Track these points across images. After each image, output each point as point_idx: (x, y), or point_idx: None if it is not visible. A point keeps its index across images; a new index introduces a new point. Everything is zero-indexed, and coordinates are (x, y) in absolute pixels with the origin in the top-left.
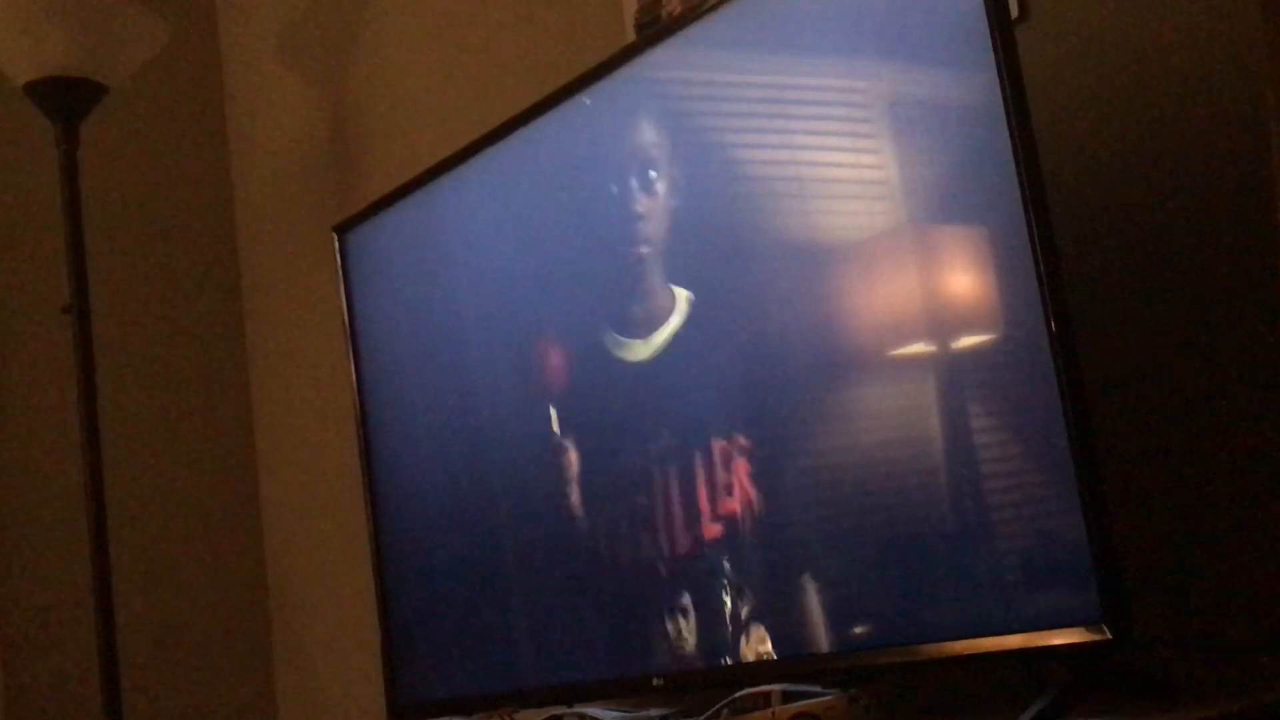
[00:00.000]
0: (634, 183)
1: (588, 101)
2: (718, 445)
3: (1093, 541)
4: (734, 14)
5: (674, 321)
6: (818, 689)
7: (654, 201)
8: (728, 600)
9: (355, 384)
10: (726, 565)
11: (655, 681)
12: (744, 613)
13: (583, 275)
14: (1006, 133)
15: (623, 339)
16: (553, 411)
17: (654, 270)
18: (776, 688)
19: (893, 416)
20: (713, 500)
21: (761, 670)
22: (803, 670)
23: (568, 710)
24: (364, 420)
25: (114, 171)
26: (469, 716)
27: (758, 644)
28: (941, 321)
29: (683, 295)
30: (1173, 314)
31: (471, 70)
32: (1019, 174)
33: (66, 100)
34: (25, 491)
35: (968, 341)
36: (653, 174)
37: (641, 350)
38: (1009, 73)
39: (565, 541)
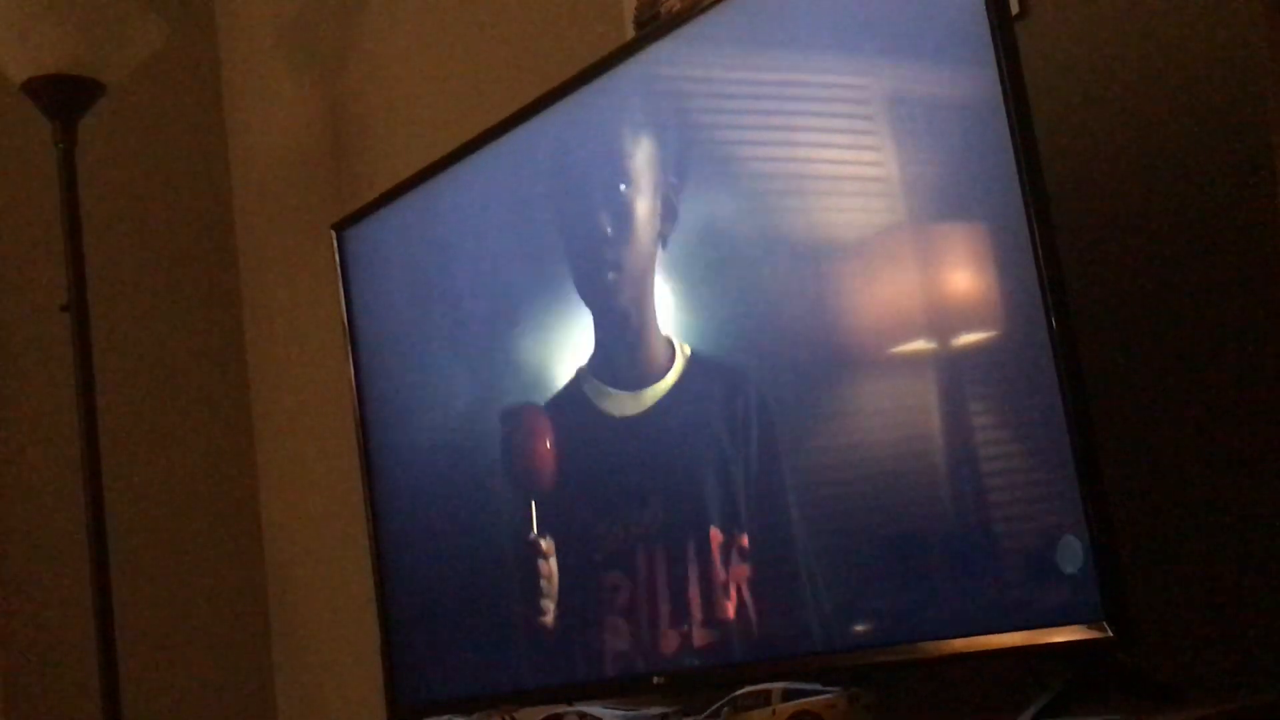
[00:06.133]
0: (633, 186)
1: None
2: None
3: (1094, 539)
4: (733, 10)
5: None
6: (818, 687)
7: (652, 211)
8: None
9: (354, 382)
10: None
11: (656, 679)
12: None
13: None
14: (1007, 129)
15: (610, 390)
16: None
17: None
18: (777, 686)
19: (892, 414)
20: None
21: (762, 668)
22: (804, 668)
23: (568, 709)
24: (363, 418)
25: (112, 170)
26: (469, 715)
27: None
28: (941, 320)
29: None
30: (1174, 311)
31: (470, 67)
32: (1020, 171)
33: (64, 98)
34: (24, 490)
35: (966, 340)
36: (653, 178)
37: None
38: (1009, 69)
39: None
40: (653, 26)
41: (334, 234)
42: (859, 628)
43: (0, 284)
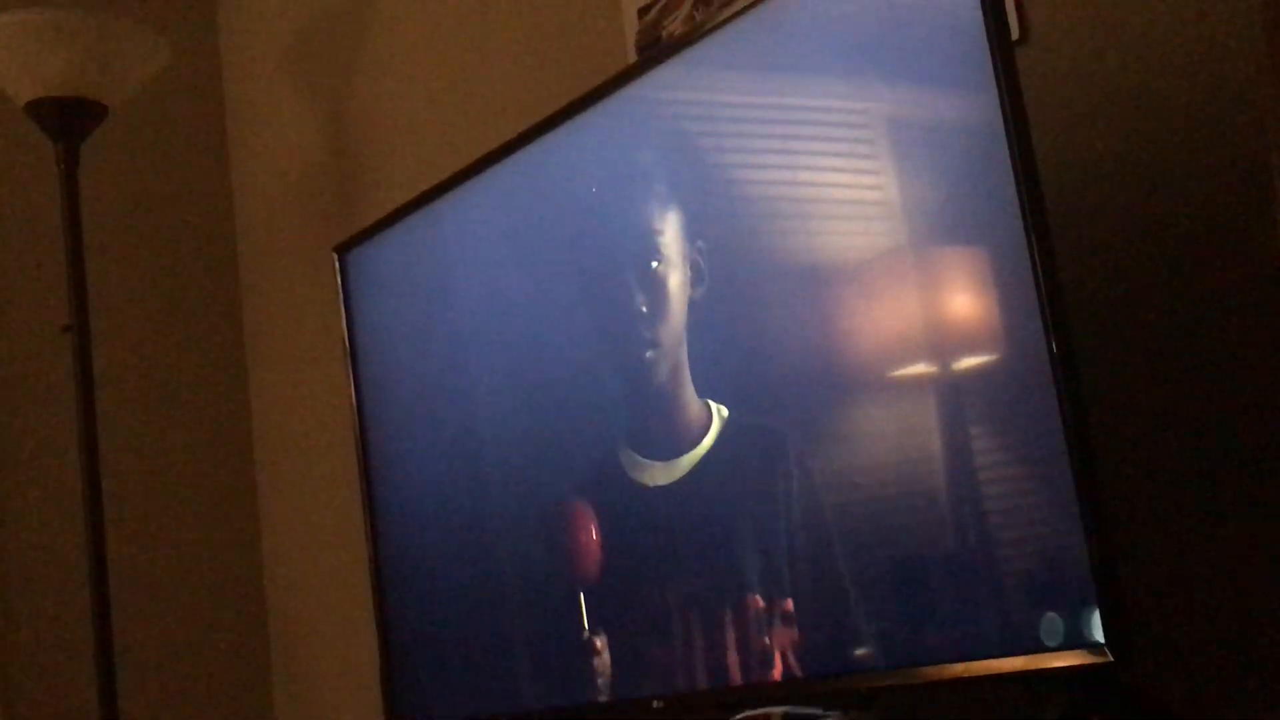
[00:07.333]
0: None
1: (594, 190)
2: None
3: (1095, 563)
4: (735, 35)
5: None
6: (819, 711)
7: (683, 280)
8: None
9: (355, 403)
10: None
11: (655, 704)
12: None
13: (584, 295)
14: (1007, 153)
15: (644, 460)
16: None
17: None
18: (777, 710)
19: (893, 438)
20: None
21: (762, 692)
22: (804, 692)
23: None
24: (364, 440)
25: (115, 191)
26: None
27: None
28: (942, 343)
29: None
30: (1174, 334)
31: (472, 90)
32: (1020, 194)
33: (68, 120)
34: (25, 508)
35: (967, 363)
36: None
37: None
38: (1010, 94)
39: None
40: (654, 51)
41: (336, 256)
42: (859, 651)
43: (2, 305)
